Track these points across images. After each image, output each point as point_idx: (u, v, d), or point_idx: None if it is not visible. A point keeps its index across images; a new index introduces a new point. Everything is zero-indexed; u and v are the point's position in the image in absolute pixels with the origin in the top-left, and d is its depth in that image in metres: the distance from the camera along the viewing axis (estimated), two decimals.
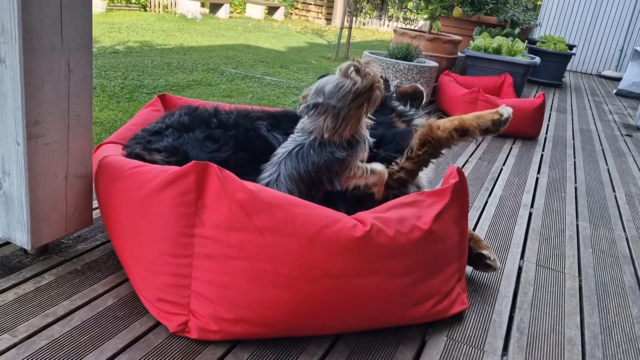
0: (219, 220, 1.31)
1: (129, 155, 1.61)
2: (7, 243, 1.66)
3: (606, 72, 9.70)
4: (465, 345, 1.50)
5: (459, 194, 1.59)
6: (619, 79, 9.15)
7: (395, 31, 4.76)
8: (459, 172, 1.62)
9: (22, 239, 1.52)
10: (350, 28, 8.53)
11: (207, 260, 1.33)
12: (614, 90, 7.79)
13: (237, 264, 1.31)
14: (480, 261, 1.79)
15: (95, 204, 1.87)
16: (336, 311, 1.39)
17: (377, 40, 13.15)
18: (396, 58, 4.15)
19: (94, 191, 1.66)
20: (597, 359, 1.54)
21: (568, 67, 9.92)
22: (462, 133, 1.69)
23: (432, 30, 4.69)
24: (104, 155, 1.63)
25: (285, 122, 1.83)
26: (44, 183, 1.49)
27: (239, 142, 1.64)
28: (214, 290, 1.33)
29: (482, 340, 1.54)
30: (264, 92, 5.35)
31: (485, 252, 1.78)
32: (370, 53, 4.27)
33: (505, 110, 1.67)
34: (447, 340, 1.51)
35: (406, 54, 4.15)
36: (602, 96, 7.29)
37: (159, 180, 1.36)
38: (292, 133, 1.62)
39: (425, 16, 4.55)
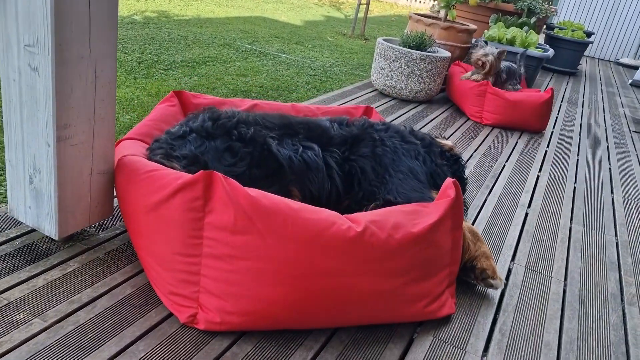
0: (225, 224, 1.45)
1: (151, 161, 1.72)
2: (34, 230, 1.80)
3: (624, 60, 9.58)
4: (449, 345, 1.65)
5: (454, 208, 1.70)
6: (636, 67, 9.06)
7: (410, 17, 4.78)
8: (456, 186, 1.73)
9: (50, 229, 1.67)
10: (368, 4, 8.47)
11: (214, 260, 1.47)
12: (630, 81, 7.73)
13: (240, 264, 1.45)
14: (481, 278, 1.89)
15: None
16: (330, 307, 1.53)
17: (395, 16, 13.00)
18: (409, 47, 4.20)
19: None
20: None
21: (586, 53, 9.81)
22: None
23: (447, 19, 4.71)
24: (122, 154, 1.76)
25: (303, 132, 1.95)
26: (71, 179, 1.63)
27: (254, 158, 1.74)
28: (220, 286, 1.48)
29: (465, 341, 1.68)
30: (278, 72, 5.42)
31: (489, 271, 1.88)
32: (384, 40, 4.32)
33: None
34: (433, 340, 1.66)
35: (419, 43, 4.20)
36: (616, 87, 7.25)
37: (171, 187, 1.49)
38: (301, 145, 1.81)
39: (442, 4, 4.56)
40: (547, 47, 5.51)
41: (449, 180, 1.77)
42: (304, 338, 1.56)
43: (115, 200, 2.02)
